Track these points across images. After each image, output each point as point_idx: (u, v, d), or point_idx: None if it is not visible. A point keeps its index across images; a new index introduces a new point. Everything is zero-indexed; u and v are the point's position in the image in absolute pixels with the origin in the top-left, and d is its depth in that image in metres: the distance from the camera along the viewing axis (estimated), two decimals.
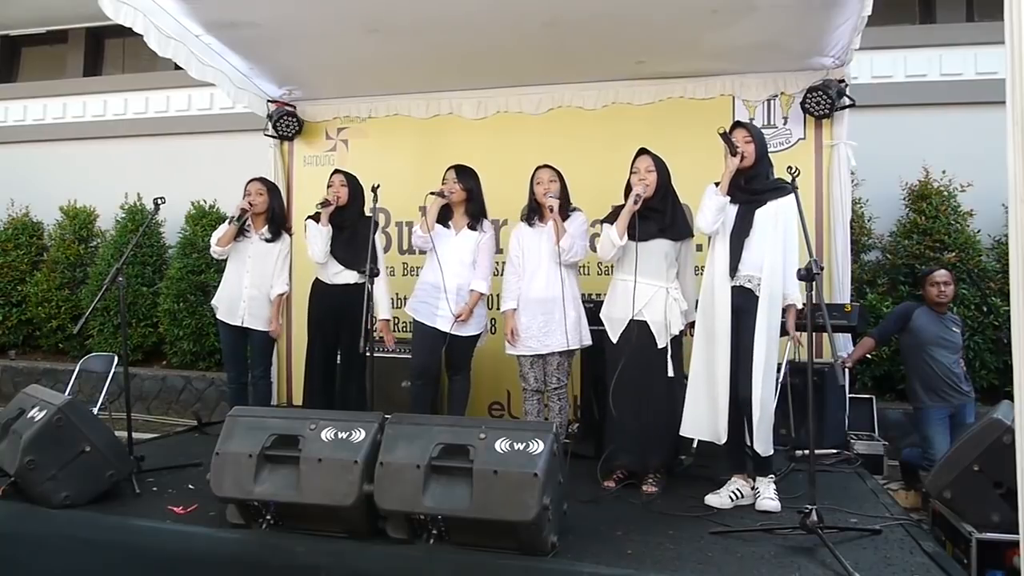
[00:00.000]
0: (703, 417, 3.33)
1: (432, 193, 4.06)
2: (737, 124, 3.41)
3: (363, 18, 4.21)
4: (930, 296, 4.48)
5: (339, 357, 4.46)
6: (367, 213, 4.26)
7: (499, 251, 4.45)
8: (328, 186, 4.43)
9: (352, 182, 4.42)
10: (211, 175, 7.50)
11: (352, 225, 4.38)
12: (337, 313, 4.31)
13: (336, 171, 4.52)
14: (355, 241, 4.30)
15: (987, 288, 5.54)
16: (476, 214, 4.16)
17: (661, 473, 3.54)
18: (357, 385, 4.33)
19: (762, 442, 3.18)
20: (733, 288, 3.25)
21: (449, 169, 4.18)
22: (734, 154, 3.25)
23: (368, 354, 3.64)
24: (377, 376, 3.91)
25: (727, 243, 3.29)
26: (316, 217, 4.35)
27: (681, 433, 3.42)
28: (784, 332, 3.30)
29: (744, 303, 3.24)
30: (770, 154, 3.45)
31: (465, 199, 4.14)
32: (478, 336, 4.21)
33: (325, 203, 4.30)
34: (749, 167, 3.30)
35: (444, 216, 4.18)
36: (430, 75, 5.05)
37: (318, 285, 4.48)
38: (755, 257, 3.23)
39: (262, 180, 4.58)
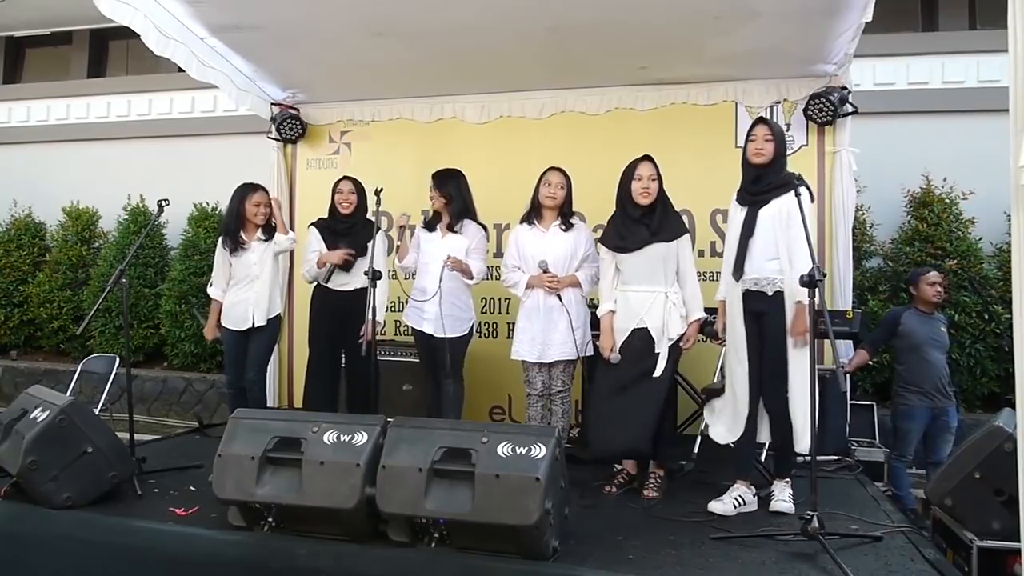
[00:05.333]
0: (729, 422, 3.31)
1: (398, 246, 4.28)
2: (760, 120, 3.33)
3: (368, 22, 4.22)
4: (927, 295, 4.45)
5: (344, 363, 4.45)
6: (369, 217, 4.26)
7: (498, 255, 4.45)
8: (336, 192, 4.43)
9: (359, 188, 4.44)
10: (214, 177, 7.41)
11: (355, 231, 4.39)
12: (342, 319, 4.30)
13: (345, 177, 4.50)
14: (357, 246, 4.32)
15: (988, 296, 5.54)
16: (457, 214, 4.17)
17: (661, 477, 3.53)
18: (363, 390, 4.30)
19: (801, 440, 3.12)
20: (745, 292, 3.21)
21: (432, 178, 4.23)
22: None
23: (365, 356, 3.67)
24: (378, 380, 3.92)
25: (735, 245, 3.26)
26: (320, 227, 4.42)
27: (712, 437, 3.41)
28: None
29: (761, 306, 3.19)
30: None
31: (445, 204, 4.18)
32: (463, 339, 4.19)
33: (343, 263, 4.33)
34: (764, 164, 3.25)
35: (433, 221, 4.28)
36: (433, 79, 5.07)
37: (320, 291, 4.46)
38: (759, 258, 3.20)
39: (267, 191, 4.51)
